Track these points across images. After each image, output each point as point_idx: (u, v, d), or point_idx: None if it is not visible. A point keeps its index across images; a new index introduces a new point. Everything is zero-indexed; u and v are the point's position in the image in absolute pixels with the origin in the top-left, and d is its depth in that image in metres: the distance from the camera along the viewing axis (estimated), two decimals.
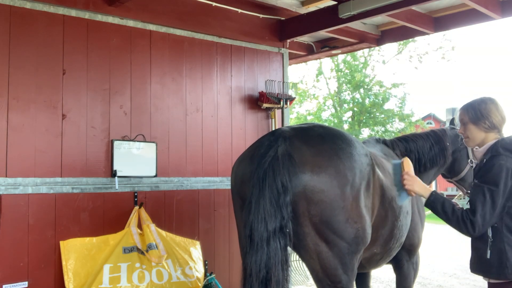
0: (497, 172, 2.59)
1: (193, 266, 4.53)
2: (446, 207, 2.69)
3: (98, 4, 4.44)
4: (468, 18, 5.55)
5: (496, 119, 2.78)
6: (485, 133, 2.80)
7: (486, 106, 2.80)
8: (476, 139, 2.83)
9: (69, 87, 4.24)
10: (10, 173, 3.90)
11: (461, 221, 2.61)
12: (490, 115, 2.77)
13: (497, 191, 2.56)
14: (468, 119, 2.85)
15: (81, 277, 4.00)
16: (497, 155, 2.66)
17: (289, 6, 5.63)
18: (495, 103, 2.82)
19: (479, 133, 2.81)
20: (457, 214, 2.64)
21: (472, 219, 2.57)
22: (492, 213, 2.57)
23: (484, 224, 2.57)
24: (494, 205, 2.56)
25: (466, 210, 2.62)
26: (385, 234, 3.33)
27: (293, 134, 3.02)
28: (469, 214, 2.59)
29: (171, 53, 4.93)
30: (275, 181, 2.80)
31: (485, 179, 2.62)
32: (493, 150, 2.71)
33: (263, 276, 2.73)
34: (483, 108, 2.80)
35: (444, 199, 2.74)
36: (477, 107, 2.81)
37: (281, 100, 5.58)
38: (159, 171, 4.73)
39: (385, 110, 25.48)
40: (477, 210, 2.57)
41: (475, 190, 2.64)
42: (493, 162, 2.64)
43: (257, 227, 2.76)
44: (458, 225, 2.64)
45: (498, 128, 2.80)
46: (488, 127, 2.78)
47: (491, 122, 2.78)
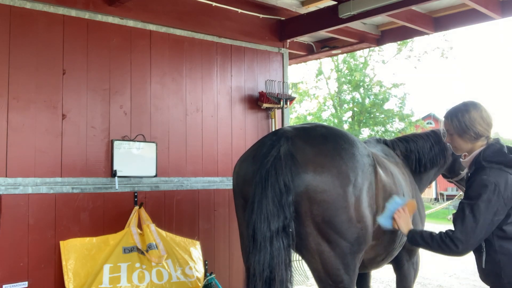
0: (477, 187, 2.55)
1: (193, 266, 4.53)
2: (425, 236, 2.71)
3: (98, 4, 4.44)
4: (468, 18, 5.55)
5: (480, 129, 2.70)
6: (471, 143, 2.74)
7: (470, 116, 2.70)
8: (463, 149, 2.79)
9: (69, 87, 4.24)
10: (10, 173, 3.90)
11: (441, 243, 2.60)
12: (475, 126, 2.69)
13: (477, 205, 2.51)
14: (453, 130, 2.77)
15: (81, 277, 4.00)
16: (481, 168, 2.62)
17: (289, 6, 5.63)
18: (480, 109, 2.71)
19: (465, 144, 2.75)
20: (435, 238, 2.64)
21: (451, 235, 2.56)
22: (475, 227, 2.51)
23: (467, 239, 2.52)
24: (475, 219, 2.51)
25: (446, 231, 2.62)
26: (388, 234, 3.32)
27: (296, 134, 3.02)
28: (448, 234, 2.59)
29: (171, 53, 4.93)
30: (277, 181, 2.80)
31: (467, 195, 2.61)
32: (477, 163, 2.67)
33: (267, 276, 2.73)
34: (467, 119, 2.70)
35: (422, 231, 2.77)
36: (461, 119, 2.71)
37: (281, 100, 5.58)
38: (159, 171, 4.73)
39: (385, 110, 25.48)
40: (456, 227, 2.56)
41: (457, 209, 2.62)
42: (475, 177, 2.61)
43: (260, 227, 2.76)
44: (440, 248, 2.62)
45: (485, 135, 2.72)
46: (474, 138, 2.72)
47: (476, 132, 2.70)
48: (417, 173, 4.04)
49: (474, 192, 2.55)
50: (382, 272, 7.00)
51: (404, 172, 3.83)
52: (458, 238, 2.53)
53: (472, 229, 2.51)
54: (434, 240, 2.63)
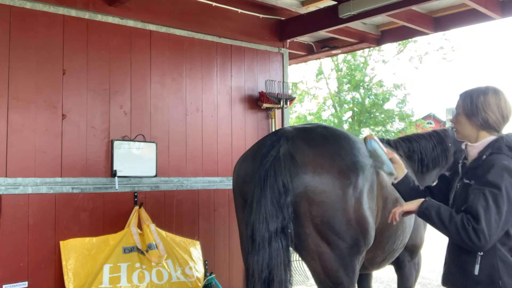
0: (498, 172, 2.18)
1: (193, 266, 4.53)
2: (442, 213, 2.24)
3: (98, 4, 4.44)
4: (468, 18, 5.55)
5: (492, 117, 2.36)
6: (477, 130, 2.42)
7: (485, 99, 2.37)
8: (464, 134, 2.47)
9: (69, 87, 4.24)
10: (10, 173, 3.90)
11: (461, 229, 2.15)
12: (486, 111, 2.36)
13: (501, 195, 2.14)
14: (462, 109, 2.46)
15: (81, 277, 3.99)
16: (499, 153, 2.28)
17: (289, 6, 5.63)
18: (499, 97, 2.37)
19: (470, 128, 2.43)
20: (455, 221, 2.18)
21: (476, 226, 2.12)
22: (498, 221, 2.13)
23: (490, 233, 2.11)
24: (499, 211, 2.13)
25: (467, 216, 2.17)
26: (389, 236, 3.32)
27: (296, 134, 3.02)
28: (470, 220, 2.14)
29: (171, 53, 4.93)
30: (276, 181, 2.80)
31: (485, 181, 2.20)
32: (495, 147, 2.32)
33: (266, 276, 2.73)
34: (480, 101, 2.38)
35: (439, 205, 2.30)
36: (475, 99, 2.39)
37: (281, 100, 5.58)
38: (159, 171, 4.73)
39: (385, 110, 25.47)
40: (480, 216, 2.12)
41: (474, 194, 2.20)
42: (493, 161, 2.24)
43: (258, 227, 2.76)
44: (457, 234, 2.17)
45: (494, 128, 2.39)
46: (480, 125, 2.39)
47: (485, 119, 2.37)
48: (419, 173, 4.03)
49: (496, 178, 2.17)
50: (382, 272, 7.00)
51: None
52: (482, 231, 2.11)
53: (496, 223, 2.13)
54: (452, 222, 2.18)
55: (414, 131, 20.77)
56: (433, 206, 2.30)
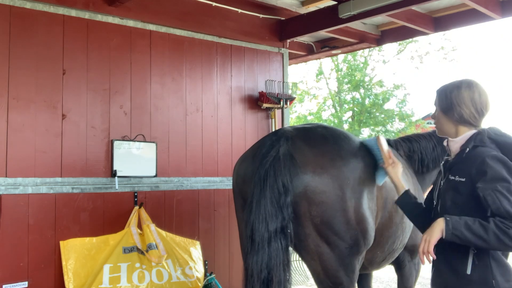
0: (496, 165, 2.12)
1: (193, 266, 4.52)
2: (473, 227, 2.06)
3: (98, 4, 4.44)
4: (468, 18, 5.55)
5: (466, 111, 2.28)
6: (455, 126, 2.35)
7: (458, 93, 2.30)
8: (443, 130, 2.41)
9: (69, 87, 4.24)
10: (10, 173, 3.90)
11: (503, 236, 2.00)
12: (461, 106, 2.28)
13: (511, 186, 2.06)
14: (438, 105, 2.41)
15: (81, 277, 3.99)
16: (483, 146, 2.22)
17: (289, 6, 5.63)
18: (473, 91, 2.29)
19: (448, 124, 2.37)
20: (491, 229, 2.02)
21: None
22: None
23: None
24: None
25: (499, 220, 2.03)
26: (389, 236, 3.31)
27: (296, 134, 3.02)
28: (506, 223, 2.00)
29: (171, 53, 4.93)
30: (276, 181, 2.80)
31: (490, 178, 2.10)
32: (477, 140, 2.26)
33: (265, 276, 2.73)
34: (454, 96, 2.31)
35: (464, 219, 2.10)
36: (449, 94, 2.33)
37: (281, 100, 5.58)
38: (159, 171, 4.73)
39: (385, 110, 25.46)
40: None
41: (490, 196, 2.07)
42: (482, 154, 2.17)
43: (258, 228, 2.76)
44: (500, 242, 2.01)
45: (470, 122, 2.30)
46: (457, 120, 2.32)
47: (460, 114, 2.29)
48: (420, 173, 4.02)
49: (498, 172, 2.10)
50: (382, 272, 7.00)
51: (407, 172, 3.82)
52: None
53: None
54: (489, 232, 2.01)
55: (414, 131, 20.77)
56: (458, 223, 2.10)
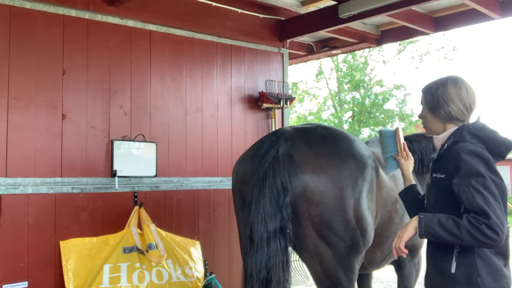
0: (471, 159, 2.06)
1: (193, 266, 4.52)
2: (446, 224, 2.03)
3: (98, 4, 4.44)
4: (468, 18, 5.55)
5: (454, 108, 2.25)
6: (443, 124, 2.32)
7: (445, 91, 2.27)
8: (433, 129, 2.37)
9: (69, 87, 4.24)
10: (10, 173, 3.90)
11: (475, 232, 1.94)
12: (448, 103, 2.25)
13: (488, 181, 2.01)
14: (425, 104, 2.37)
15: (81, 277, 4.00)
16: (463, 141, 2.17)
17: (289, 6, 5.63)
18: (459, 87, 2.26)
19: (436, 122, 2.33)
20: (463, 226, 1.97)
21: (487, 222, 1.93)
22: (501, 207, 1.99)
23: (502, 222, 1.95)
24: (495, 197, 1.99)
25: (472, 216, 1.98)
26: (389, 236, 3.31)
27: (295, 134, 3.02)
28: (478, 219, 1.95)
29: (171, 53, 4.93)
30: (275, 181, 2.80)
31: (464, 173, 2.05)
32: (457, 136, 2.22)
33: (264, 276, 2.73)
34: (440, 94, 2.28)
35: (437, 216, 2.08)
36: (435, 93, 2.30)
37: (281, 100, 5.58)
38: (159, 171, 4.73)
39: (385, 110, 25.48)
40: (486, 210, 1.95)
41: (464, 191, 2.03)
42: (459, 149, 2.12)
43: (257, 228, 2.76)
44: (473, 238, 1.96)
45: (458, 119, 2.27)
46: (445, 118, 2.29)
47: (448, 112, 2.26)
48: (420, 173, 4.02)
49: (473, 167, 2.04)
50: (382, 272, 7.00)
51: None
52: (496, 223, 1.92)
53: (500, 209, 1.98)
54: (462, 228, 1.97)
55: (414, 131, 20.76)
56: (431, 221, 2.08)
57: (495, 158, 2.17)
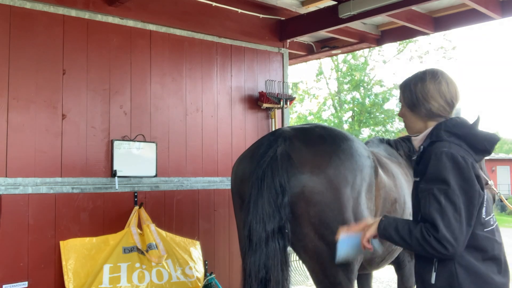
0: (440, 163, 1.93)
1: (193, 266, 4.53)
2: (400, 230, 1.98)
3: (98, 4, 4.44)
4: (468, 18, 5.55)
5: (435, 105, 2.11)
6: (424, 122, 2.18)
7: (424, 87, 2.12)
8: (414, 128, 2.23)
9: (69, 87, 4.24)
10: (10, 173, 3.90)
11: (424, 243, 1.89)
12: (428, 100, 2.11)
13: (451, 190, 1.88)
14: (404, 102, 2.23)
15: (81, 277, 4.00)
16: (440, 141, 2.03)
17: (289, 6, 5.63)
18: (439, 81, 2.11)
19: (417, 121, 2.19)
20: (415, 235, 1.92)
21: (436, 235, 1.86)
22: (460, 220, 1.87)
23: (455, 237, 1.85)
24: (456, 208, 1.87)
25: (425, 226, 1.91)
26: None
27: (293, 134, 3.01)
28: (429, 230, 1.88)
29: (171, 53, 4.93)
30: (273, 181, 2.79)
31: (429, 177, 1.95)
32: (434, 135, 2.07)
33: (262, 276, 2.73)
34: (419, 90, 2.13)
35: (397, 221, 2.03)
36: (413, 89, 2.15)
37: (281, 100, 5.58)
38: (159, 171, 4.73)
39: (385, 110, 25.48)
40: (437, 222, 1.86)
41: (424, 198, 1.94)
42: (432, 150, 1.99)
43: (255, 228, 2.76)
44: (422, 249, 1.91)
45: (440, 115, 2.13)
46: (425, 115, 2.15)
47: (428, 109, 2.12)
48: None
49: (439, 172, 1.91)
50: (382, 272, 7.00)
51: (407, 172, 3.82)
52: (444, 238, 1.85)
53: (458, 222, 1.86)
54: (413, 237, 1.93)
55: None
56: (390, 224, 2.03)
57: (479, 154, 2.04)
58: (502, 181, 30.83)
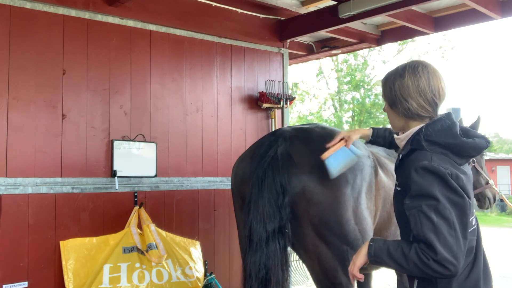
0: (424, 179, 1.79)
1: (193, 266, 4.53)
2: (394, 254, 1.82)
3: (98, 4, 4.44)
4: (468, 18, 5.55)
5: (413, 104, 1.89)
6: (404, 121, 1.98)
7: (402, 84, 1.90)
8: (395, 125, 2.05)
9: (69, 87, 4.24)
10: (10, 173, 3.90)
11: (423, 267, 1.74)
12: (406, 98, 1.90)
13: (442, 205, 1.74)
14: (385, 98, 2.04)
15: (81, 277, 4.00)
16: (418, 151, 1.87)
17: (289, 6, 5.63)
18: (418, 76, 1.88)
19: (397, 119, 2.00)
20: (411, 258, 1.76)
21: (435, 257, 1.71)
22: (456, 235, 1.73)
23: (454, 255, 1.71)
24: (449, 223, 1.73)
25: (420, 248, 1.75)
26: (388, 236, 3.31)
27: (294, 134, 3.02)
28: (426, 252, 1.73)
29: (171, 53, 4.93)
30: (274, 181, 2.80)
31: (415, 194, 1.80)
32: (414, 142, 1.90)
33: (263, 276, 2.73)
34: (397, 87, 1.91)
35: (387, 245, 1.86)
36: (393, 85, 1.94)
37: (281, 100, 5.58)
38: (159, 171, 4.73)
39: None
40: (434, 244, 1.71)
41: (414, 217, 1.79)
42: (413, 163, 1.84)
43: (256, 228, 2.76)
44: (423, 273, 1.77)
45: (420, 115, 1.92)
46: (404, 115, 1.95)
47: (406, 108, 1.91)
48: None
49: (425, 188, 1.77)
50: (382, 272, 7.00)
51: None
52: (446, 259, 1.70)
53: (454, 238, 1.73)
54: (409, 261, 1.77)
55: None
56: (380, 249, 1.86)
57: (464, 159, 1.90)
58: (502, 181, 30.83)
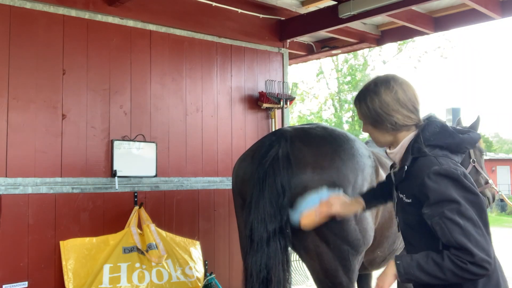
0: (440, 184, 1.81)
1: (193, 266, 4.53)
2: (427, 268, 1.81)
3: (98, 4, 4.44)
4: (468, 18, 5.55)
5: (399, 117, 1.94)
6: (392, 135, 2.02)
7: (381, 101, 1.95)
8: (383, 142, 2.08)
9: (69, 87, 4.24)
10: (10, 173, 3.90)
11: (461, 272, 1.75)
12: (390, 114, 1.94)
13: (463, 206, 1.78)
14: (364, 119, 2.07)
15: (81, 277, 4.00)
16: (421, 157, 1.91)
17: (289, 6, 5.63)
18: (393, 89, 1.94)
19: (383, 136, 2.04)
20: (447, 267, 1.77)
21: (472, 260, 1.74)
22: (483, 233, 1.77)
23: (487, 252, 1.75)
24: (474, 222, 1.77)
25: (453, 254, 1.77)
26: (389, 236, 3.31)
27: (295, 134, 3.02)
28: (461, 257, 1.75)
29: (171, 53, 4.93)
30: (275, 181, 2.80)
31: (434, 202, 1.81)
32: (415, 151, 1.93)
33: (264, 276, 2.73)
34: (377, 105, 1.96)
35: (416, 259, 1.85)
36: (370, 105, 1.98)
37: (281, 100, 5.58)
38: (159, 171, 4.73)
39: None
40: (467, 246, 1.74)
41: (439, 225, 1.80)
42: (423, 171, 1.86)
43: (257, 228, 2.76)
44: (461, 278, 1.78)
45: (406, 125, 1.97)
46: (391, 129, 1.99)
47: (393, 123, 1.96)
48: None
49: (443, 193, 1.80)
50: None
51: None
52: (483, 260, 1.73)
53: (482, 237, 1.76)
54: (446, 270, 1.77)
55: None
56: (410, 266, 1.85)
57: (459, 156, 1.97)
58: (502, 181, 30.83)
